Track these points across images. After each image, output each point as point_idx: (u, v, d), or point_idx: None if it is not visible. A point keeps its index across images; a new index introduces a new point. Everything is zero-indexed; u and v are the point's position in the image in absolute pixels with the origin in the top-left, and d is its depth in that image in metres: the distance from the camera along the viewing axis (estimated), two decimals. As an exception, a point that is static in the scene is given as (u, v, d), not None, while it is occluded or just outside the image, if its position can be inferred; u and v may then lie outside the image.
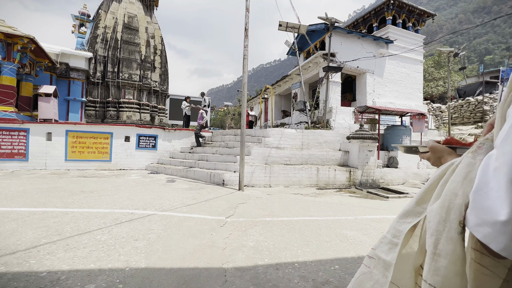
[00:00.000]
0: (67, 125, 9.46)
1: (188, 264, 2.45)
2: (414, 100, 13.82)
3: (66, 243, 2.77)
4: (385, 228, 3.88)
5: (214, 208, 4.60)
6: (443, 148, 0.72)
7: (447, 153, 0.71)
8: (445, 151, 0.72)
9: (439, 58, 27.43)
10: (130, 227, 3.38)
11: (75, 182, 6.61)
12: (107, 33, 15.16)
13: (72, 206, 4.28)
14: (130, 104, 15.19)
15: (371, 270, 0.74)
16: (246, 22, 6.96)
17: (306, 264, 2.59)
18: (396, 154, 9.55)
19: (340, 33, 12.14)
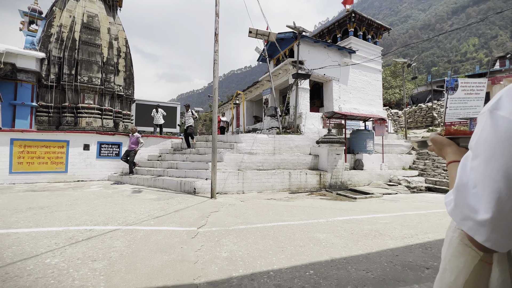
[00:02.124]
0: (12, 133, 8.35)
1: (155, 283, 2.24)
2: (375, 106, 14.90)
3: (4, 271, 2.36)
4: (355, 229, 4.03)
5: (184, 219, 4.36)
6: (442, 140, 0.76)
7: (446, 144, 0.75)
8: (444, 142, 0.75)
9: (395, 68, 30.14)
10: (87, 246, 3.03)
11: (22, 198, 5.81)
12: (62, 32, 13.91)
13: (16, 226, 3.71)
14: (91, 110, 14.00)
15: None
16: (216, 27, 6.88)
17: (281, 271, 2.54)
18: (362, 157, 10.12)
19: (308, 42, 12.67)
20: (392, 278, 2.47)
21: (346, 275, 2.50)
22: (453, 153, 0.72)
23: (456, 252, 0.61)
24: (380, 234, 3.84)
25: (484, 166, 0.49)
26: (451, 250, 0.62)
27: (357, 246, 3.31)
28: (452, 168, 0.68)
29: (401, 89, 26.92)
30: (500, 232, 0.48)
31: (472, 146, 0.53)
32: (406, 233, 3.89)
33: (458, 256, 0.60)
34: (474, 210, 0.49)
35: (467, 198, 0.51)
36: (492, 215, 0.47)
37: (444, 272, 0.64)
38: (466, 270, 0.59)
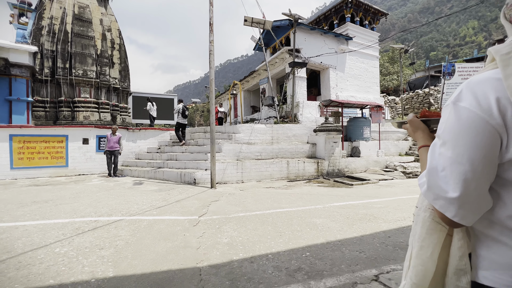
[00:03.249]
0: (10, 129, 8.37)
1: (160, 268, 2.39)
2: (372, 93, 14.90)
3: (17, 260, 2.49)
4: (351, 214, 4.19)
5: (186, 208, 4.50)
6: (417, 122, 0.81)
7: (420, 128, 0.81)
8: (418, 125, 0.81)
9: (393, 54, 29.86)
10: (94, 235, 3.16)
11: (26, 192, 5.92)
12: (54, 25, 13.61)
13: (23, 219, 3.84)
14: (87, 103, 13.92)
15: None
16: (211, 17, 6.80)
17: (279, 254, 2.69)
18: (358, 145, 10.25)
19: (304, 29, 12.50)
20: (383, 257, 2.63)
21: (340, 256, 2.65)
22: (424, 138, 0.79)
23: (430, 230, 0.68)
24: (374, 217, 4.00)
25: (451, 152, 0.56)
26: (425, 228, 0.69)
27: (351, 229, 3.47)
28: (423, 153, 0.76)
29: (398, 75, 26.79)
30: (466, 208, 0.56)
31: (440, 134, 0.60)
32: (399, 216, 4.05)
33: (431, 233, 0.68)
34: (444, 191, 0.57)
35: (437, 180, 0.58)
36: (459, 193, 0.54)
37: (422, 248, 0.70)
38: (438, 244, 0.67)
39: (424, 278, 0.68)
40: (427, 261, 0.68)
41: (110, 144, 8.34)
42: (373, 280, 2.19)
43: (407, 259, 0.76)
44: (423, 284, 0.68)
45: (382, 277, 2.24)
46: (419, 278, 0.69)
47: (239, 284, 2.12)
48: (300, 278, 2.22)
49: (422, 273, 0.68)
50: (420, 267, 0.69)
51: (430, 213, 0.69)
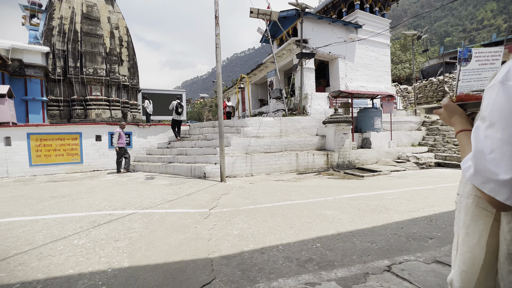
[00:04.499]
0: (28, 128, 8.69)
1: (173, 258, 2.45)
2: (383, 82, 14.48)
3: (39, 251, 2.62)
4: (362, 205, 4.14)
5: (197, 201, 4.58)
6: (454, 107, 0.77)
7: (457, 113, 0.77)
8: (455, 110, 0.77)
9: (405, 41, 28.77)
10: (109, 228, 3.27)
11: (44, 188, 6.18)
12: (64, 25, 13.88)
13: (42, 213, 4.01)
14: (99, 101, 14.25)
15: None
16: (216, 10, 6.73)
17: (290, 245, 2.70)
18: (369, 136, 10.05)
19: (311, 19, 12.20)
20: (396, 248, 2.59)
21: (351, 247, 2.64)
22: (462, 123, 0.75)
23: (474, 216, 0.67)
24: (386, 209, 3.94)
25: (502, 133, 0.54)
26: (469, 215, 0.68)
27: (363, 220, 3.43)
28: (462, 137, 0.72)
29: (411, 63, 25.85)
30: None
31: (486, 116, 0.58)
32: (412, 207, 3.97)
33: (477, 220, 0.66)
34: (494, 173, 0.55)
35: (485, 163, 0.56)
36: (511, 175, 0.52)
37: (467, 236, 0.69)
38: (486, 230, 0.65)
39: (473, 265, 0.66)
40: (474, 248, 0.66)
41: (123, 140, 8.57)
42: (385, 270, 2.17)
43: (454, 248, 0.75)
44: (472, 271, 0.67)
45: (395, 267, 2.21)
46: (467, 265, 0.67)
47: (250, 274, 2.15)
48: (311, 268, 2.22)
49: (470, 260, 0.67)
50: (468, 254, 0.67)
51: (473, 199, 0.67)
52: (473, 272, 0.66)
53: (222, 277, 2.11)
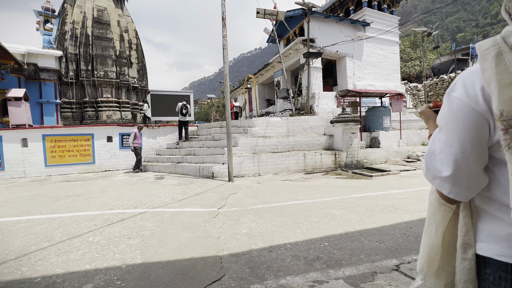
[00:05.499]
0: (43, 129, 9.01)
1: (184, 256, 2.52)
2: (392, 81, 14.24)
3: (57, 248, 2.75)
4: (370, 205, 4.13)
5: (205, 201, 4.66)
6: (428, 113, 0.85)
7: (431, 118, 0.84)
8: (430, 115, 0.84)
9: (415, 38, 28.18)
10: (122, 226, 3.38)
11: (59, 188, 6.41)
12: (76, 29, 14.30)
13: (59, 211, 4.18)
14: (109, 103, 14.62)
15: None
16: (223, 11, 6.81)
17: (298, 244, 2.73)
18: (378, 135, 9.92)
19: (318, 18, 12.13)
20: (404, 247, 2.58)
21: (359, 246, 2.65)
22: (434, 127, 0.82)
23: (435, 210, 0.75)
24: (395, 209, 3.91)
25: (445, 136, 0.63)
26: (432, 209, 0.77)
27: (371, 220, 3.42)
28: None
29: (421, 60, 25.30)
30: (459, 186, 0.63)
31: (438, 121, 0.68)
32: (422, 207, 3.93)
33: (436, 213, 0.75)
34: (439, 171, 0.65)
35: (434, 162, 0.66)
36: (451, 172, 0.62)
37: (428, 226, 0.78)
38: (443, 222, 0.74)
39: (430, 252, 0.75)
40: (432, 237, 0.75)
41: (140, 141, 8.94)
42: (393, 270, 2.18)
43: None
44: (430, 257, 0.76)
45: (403, 267, 2.21)
46: (426, 252, 0.77)
47: (258, 271, 2.19)
48: (319, 267, 2.25)
49: (428, 247, 0.76)
50: (427, 242, 0.77)
51: (436, 196, 0.75)
52: (432, 258, 0.75)
53: (231, 274, 2.17)
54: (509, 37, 0.56)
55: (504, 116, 0.52)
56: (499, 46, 0.56)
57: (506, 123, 0.52)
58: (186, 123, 10.03)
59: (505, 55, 0.55)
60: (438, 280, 0.76)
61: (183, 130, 10.05)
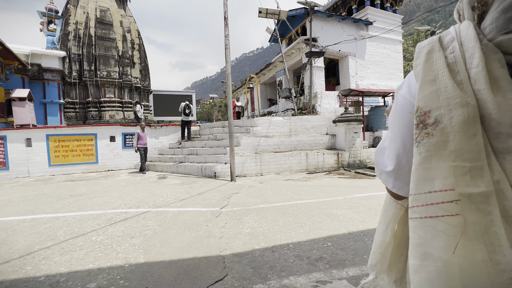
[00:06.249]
0: (47, 129, 9.08)
1: (186, 255, 2.52)
2: (396, 80, 14.16)
3: (61, 247, 2.76)
4: (373, 205, 4.10)
5: (208, 200, 4.66)
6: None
7: None
8: None
9: (418, 37, 27.98)
10: (125, 225, 3.39)
11: (63, 187, 6.45)
12: (79, 29, 14.39)
13: (62, 210, 4.20)
14: (112, 103, 14.70)
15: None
16: (225, 11, 6.80)
17: (300, 244, 2.72)
18: (381, 134, 9.87)
19: (321, 17, 12.09)
20: (408, 248, 2.56)
21: (362, 246, 2.63)
22: None
23: (387, 206, 0.76)
24: (398, 208, 3.88)
25: (391, 132, 0.65)
26: (385, 205, 0.77)
27: (374, 220, 3.39)
28: None
29: (424, 59, 25.09)
30: (400, 180, 0.64)
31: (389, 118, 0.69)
32: (425, 207, 3.89)
33: (388, 209, 0.75)
34: (384, 165, 0.67)
35: (382, 158, 0.68)
36: (393, 167, 0.64)
37: (380, 223, 0.78)
38: (393, 220, 0.74)
39: (380, 248, 0.77)
40: (382, 234, 0.76)
41: (144, 141, 8.67)
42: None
43: None
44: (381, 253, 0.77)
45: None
46: (376, 248, 0.78)
47: (261, 271, 2.19)
48: (322, 267, 2.24)
49: (379, 244, 0.77)
50: (378, 238, 0.78)
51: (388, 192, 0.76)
52: (382, 254, 0.77)
53: (234, 273, 2.16)
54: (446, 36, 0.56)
55: (418, 112, 0.54)
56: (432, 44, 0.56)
57: (418, 119, 0.53)
58: (189, 123, 10.06)
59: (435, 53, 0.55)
60: (388, 276, 0.78)
61: (185, 129, 10.07)
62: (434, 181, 0.50)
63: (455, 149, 0.49)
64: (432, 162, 0.51)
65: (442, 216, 0.49)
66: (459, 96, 0.49)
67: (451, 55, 0.53)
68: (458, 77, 0.51)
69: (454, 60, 0.52)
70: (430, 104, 0.52)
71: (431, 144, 0.51)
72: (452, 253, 0.47)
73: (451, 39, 0.55)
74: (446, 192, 0.49)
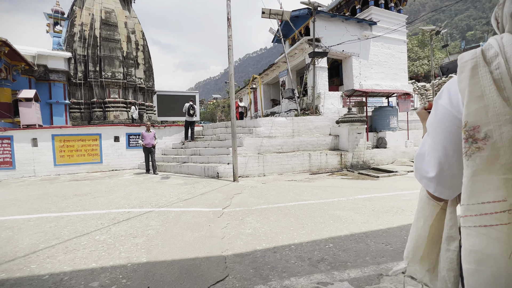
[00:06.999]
0: (52, 130, 9.20)
1: (188, 255, 2.53)
2: (400, 80, 14.04)
3: (65, 246, 2.80)
4: (376, 206, 4.07)
5: (210, 201, 4.67)
6: (422, 114, 0.89)
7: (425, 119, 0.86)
8: (425, 117, 0.87)
9: (423, 37, 27.70)
10: (128, 225, 3.42)
11: (68, 187, 6.53)
12: (84, 31, 14.56)
13: (67, 210, 4.26)
14: (116, 104, 14.83)
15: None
16: (228, 11, 6.83)
17: (302, 245, 2.71)
18: (385, 135, 9.79)
19: (324, 17, 12.05)
20: (411, 250, 2.53)
21: (365, 248, 2.61)
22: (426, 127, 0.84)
23: (424, 204, 0.80)
24: (402, 210, 3.85)
25: (431, 141, 0.69)
26: (421, 203, 0.82)
27: (377, 222, 3.37)
28: None
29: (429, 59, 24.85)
30: (442, 185, 0.69)
31: (427, 125, 0.73)
32: (429, 209, 3.85)
33: (425, 207, 0.80)
34: (426, 171, 0.71)
35: (422, 164, 0.73)
36: (435, 173, 0.68)
37: (417, 220, 0.83)
38: (430, 216, 0.79)
39: (417, 242, 0.82)
40: (419, 229, 0.81)
41: (147, 141, 8.42)
42: (400, 272, 2.14)
43: None
44: (417, 247, 0.82)
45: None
46: (413, 242, 0.83)
47: (262, 272, 2.19)
48: (324, 268, 2.23)
49: (415, 238, 0.82)
50: (414, 233, 0.83)
51: (425, 192, 0.79)
52: (418, 247, 0.82)
53: (235, 274, 2.17)
54: (489, 50, 0.58)
55: (467, 126, 0.56)
56: (476, 59, 0.58)
57: (467, 133, 0.56)
58: (192, 123, 10.11)
59: (480, 69, 0.57)
60: (421, 266, 0.85)
61: (189, 130, 10.11)
62: (486, 193, 0.54)
63: (506, 163, 0.52)
64: (483, 175, 0.55)
65: (496, 225, 0.53)
66: (508, 113, 0.53)
67: (497, 71, 0.55)
68: (505, 94, 0.54)
69: (500, 76, 0.55)
70: (479, 120, 0.55)
71: (483, 158, 0.54)
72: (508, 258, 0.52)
73: (495, 53, 0.57)
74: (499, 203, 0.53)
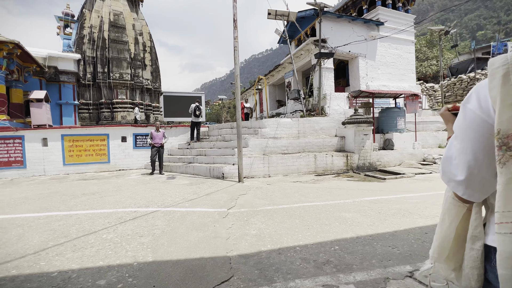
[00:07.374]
0: (62, 130, 9.39)
1: (193, 255, 2.54)
2: (407, 81, 13.84)
3: (73, 244, 2.85)
4: (383, 209, 4.01)
5: (215, 201, 4.69)
6: (446, 115, 0.88)
7: (450, 121, 0.87)
8: (450, 118, 0.87)
9: (431, 37, 27.25)
10: (134, 224, 3.46)
11: (76, 186, 6.65)
12: (93, 33, 14.84)
13: (75, 208, 4.34)
14: (124, 104, 15.05)
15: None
16: (234, 13, 6.86)
17: (307, 247, 2.70)
18: (392, 137, 9.66)
19: (330, 18, 11.99)
20: (418, 253, 2.49)
21: (371, 251, 2.58)
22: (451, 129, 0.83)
23: (450, 206, 0.81)
24: (409, 213, 3.78)
25: (460, 144, 0.69)
26: (447, 204, 0.83)
27: (384, 224, 3.33)
28: None
29: (438, 60, 24.44)
30: (472, 188, 0.69)
31: (454, 129, 0.73)
32: (437, 212, 3.78)
33: (451, 208, 0.81)
34: (454, 175, 0.71)
35: (450, 167, 0.73)
36: (464, 177, 0.68)
37: (443, 220, 0.84)
38: (457, 217, 0.80)
39: (443, 242, 0.83)
40: (446, 230, 0.82)
41: (156, 140, 8.47)
42: (407, 276, 2.10)
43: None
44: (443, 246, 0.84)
45: (417, 274, 2.13)
46: (439, 242, 0.85)
47: (267, 273, 2.18)
48: (329, 270, 2.21)
49: (441, 238, 0.84)
50: (441, 234, 0.84)
51: (452, 194, 0.80)
52: (444, 247, 0.83)
53: (240, 275, 2.17)
54: None
55: (500, 134, 0.57)
56: (508, 66, 0.57)
57: (500, 141, 0.57)
58: (198, 124, 10.18)
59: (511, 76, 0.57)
60: (447, 265, 0.86)
61: (195, 130, 10.18)
62: None
63: None
64: None
65: None
66: None
67: None
68: None
69: None
70: None
71: None
72: None
73: None
74: None
